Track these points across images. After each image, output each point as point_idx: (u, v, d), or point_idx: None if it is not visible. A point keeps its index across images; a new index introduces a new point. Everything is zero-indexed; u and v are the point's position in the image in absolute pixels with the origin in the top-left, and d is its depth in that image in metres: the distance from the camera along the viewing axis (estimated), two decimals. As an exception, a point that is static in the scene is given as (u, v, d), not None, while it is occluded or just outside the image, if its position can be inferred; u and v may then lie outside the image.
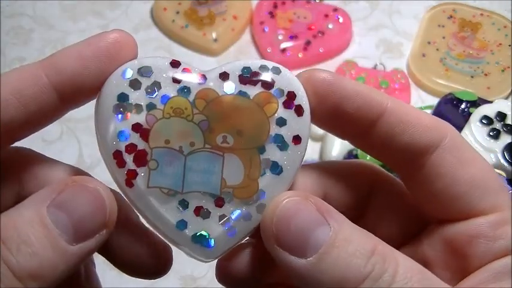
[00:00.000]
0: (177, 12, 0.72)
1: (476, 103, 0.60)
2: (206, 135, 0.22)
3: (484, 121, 0.56)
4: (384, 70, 0.69)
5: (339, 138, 0.24)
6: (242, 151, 0.23)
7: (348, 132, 0.24)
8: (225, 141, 0.22)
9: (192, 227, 0.23)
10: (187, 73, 0.23)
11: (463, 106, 0.60)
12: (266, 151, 0.23)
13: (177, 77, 0.23)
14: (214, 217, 0.23)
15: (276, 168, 0.23)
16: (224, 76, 0.23)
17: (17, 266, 0.19)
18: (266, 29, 0.71)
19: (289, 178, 0.23)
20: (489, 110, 0.57)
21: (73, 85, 0.22)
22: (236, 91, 0.23)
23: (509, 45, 0.70)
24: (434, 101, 0.64)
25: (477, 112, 0.57)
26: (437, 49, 0.70)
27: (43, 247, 0.20)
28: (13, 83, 0.21)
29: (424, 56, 0.69)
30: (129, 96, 0.22)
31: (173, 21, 0.71)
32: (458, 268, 0.22)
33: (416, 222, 0.25)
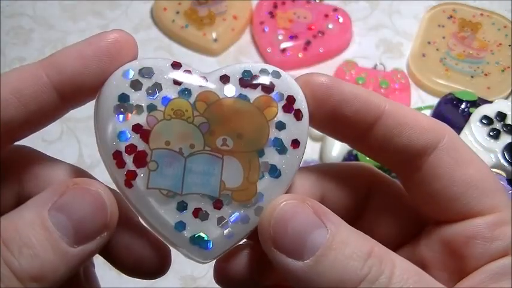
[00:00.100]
0: (177, 12, 0.72)
1: (476, 103, 0.60)
2: (206, 137, 0.22)
3: (484, 121, 0.56)
4: (384, 70, 0.69)
5: (338, 140, 0.25)
6: (242, 154, 0.23)
7: (347, 135, 0.24)
8: (225, 143, 0.23)
9: (191, 229, 0.23)
10: (188, 75, 0.23)
11: (463, 106, 0.60)
12: (265, 154, 0.23)
13: (178, 79, 0.23)
14: (212, 219, 0.23)
15: (275, 171, 0.23)
16: (225, 79, 0.23)
17: (19, 268, 0.19)
18: (266, 29, 0.71)
19: (287, 181, 0.23)
20: (489, 110, 0.57)
21: (73, 85, 0.22)
22: (237, 94, 0.23)
23: (509, 45, 0.70)
24: (434, 101, 0.64)
25: (477, 112, 0.57)
26: (437, 49, 0.70)
27: (44, 249, 0.20)
28: (13, 83, 0.21)
29: (424, 56, 0.69)
30: (130, 96, 0.22)
31: (173, 21, 0.71)
32: (455, 269, 0.22)
33: (414, 223, 0.25)
